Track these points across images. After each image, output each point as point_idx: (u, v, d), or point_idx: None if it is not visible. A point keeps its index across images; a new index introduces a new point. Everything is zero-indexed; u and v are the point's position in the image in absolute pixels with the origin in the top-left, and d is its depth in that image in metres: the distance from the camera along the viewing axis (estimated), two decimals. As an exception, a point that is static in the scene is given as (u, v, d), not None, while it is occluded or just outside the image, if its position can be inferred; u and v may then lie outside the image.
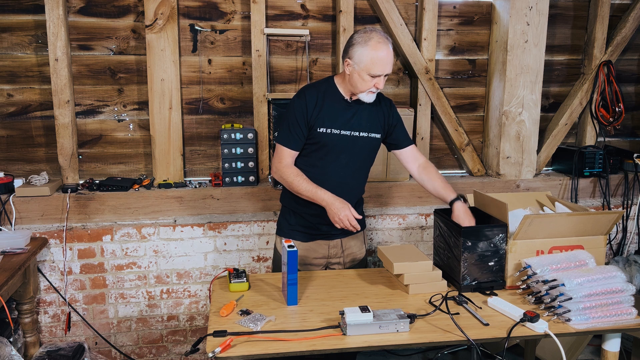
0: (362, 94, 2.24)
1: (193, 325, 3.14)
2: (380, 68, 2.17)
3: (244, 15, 3.15)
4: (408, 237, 3.26)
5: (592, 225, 2.15)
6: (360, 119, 2.33)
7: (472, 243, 2.09)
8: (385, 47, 2.17)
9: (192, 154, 3.25)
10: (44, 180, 2.96)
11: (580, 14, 3.53)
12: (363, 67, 2.18)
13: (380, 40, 2.17)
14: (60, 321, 3.00)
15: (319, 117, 2.27)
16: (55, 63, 2.90)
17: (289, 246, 2.01)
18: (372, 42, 2.16)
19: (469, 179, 3.40)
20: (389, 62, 2.19)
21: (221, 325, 1.85)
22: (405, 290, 2.14)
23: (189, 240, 3.03)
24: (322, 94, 2.31)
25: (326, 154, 2.31)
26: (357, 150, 2.34)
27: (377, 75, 2.18)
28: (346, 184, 2.35)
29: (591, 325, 1.90)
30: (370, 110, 2.36)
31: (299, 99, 2.30)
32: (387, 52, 2.17)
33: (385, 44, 2.18)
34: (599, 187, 3.48)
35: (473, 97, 3.51)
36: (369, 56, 2.16)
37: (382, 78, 2.21)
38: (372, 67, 2.16)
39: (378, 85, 2.21)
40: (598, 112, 3.52)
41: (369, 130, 2.35)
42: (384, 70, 2.19)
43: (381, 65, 2.17)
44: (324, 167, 2.32)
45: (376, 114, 2.38)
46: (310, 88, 2.34)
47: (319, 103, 2.28)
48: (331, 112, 2.29)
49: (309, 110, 2.27)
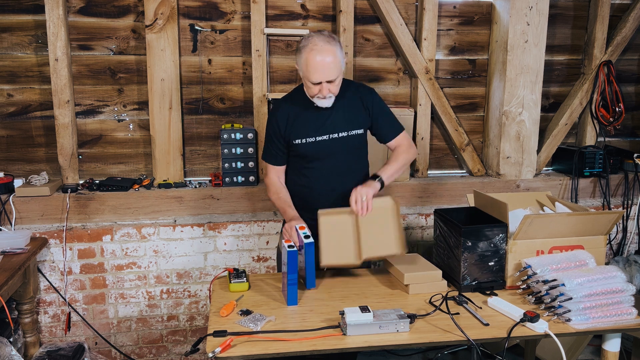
0: (314, 99, 2.18)
1: (193, 325, 3.14)
2: (316, 75, 2.07)
3: (244, 15, 3.15)
4: (408, 237, 3.26)
5: (592, 225, 2.15)
6: (336, 120, 2.25)
7: (472, 243, 2.09)
8: (320, 53, 2.04)
9: (192, 154, 3.25)
10: (44, 180, 2.96)
11: (580, 14, 3.53)
12: (302, 73, 2.13)
13: (315, 47, 2.05)
14: (60, 321, 3.00)
15: (293, 129, 2.24)
16: (55, 63, 2.90)
17: (289, 246, 2.01)
18: (307, 49, 2.07)
19: (469, 179, 3.40)
20: (326, 68, 2.06)
21: (221, 325, 1.85)
22: (405, 290, 2.14)
23: (189, 240, 3.03)
24: (293, 105, 2.26)
25: (309, 162, 2.30)
26: (340, 152, 2.28)
27: (316, 83, 2.09)
28: (337, 189, 2.30)
29: (591, 325, 1.90)
30: (346, 107, 2.26)
31: (272, 116, 2.30)
32: (321, 58, 2.04)
33: (322, 50, 2.04)
34: (599, 187, 3.48)
35: (473, 97, 3.51)
36: (304, 63, 2.08)
37: (324, 85, 2.10)
38: (308, 74, 2.08)
39: (323, 92, 2.11)
40: (598, 112, 3.52)
41: (349, 129, 2.27)
42: (322, 76, 2.07)
43: (316, 71, 2.06)
44: (311, 176, 2.31)
45: (354, 109, 2.28)
46: (282, 102, 2.32)
47: (290, 116, 2.25)
48: (303, 121, 2.24)
49: (280, 126, 2.25)
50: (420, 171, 3.41)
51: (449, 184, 3.32)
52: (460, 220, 2.25)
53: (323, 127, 2.24)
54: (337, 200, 2.26)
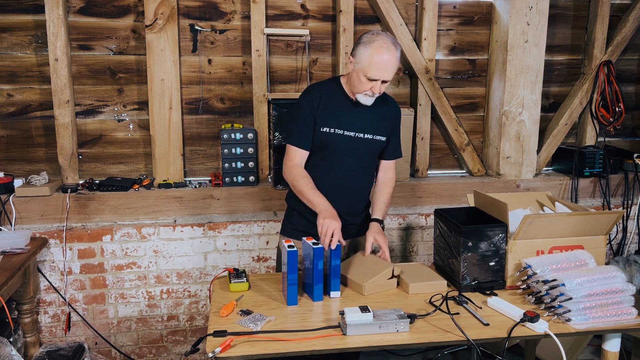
0: (359, 94, 2.20)
1: (193, 325, 3.14)
2: (377, 72, 2.11)
3: (244, 15, 3.15)
4: (408, 237, 3.26)
5: (592, 225, 2.15)
6: (365, 121, 2.28)
7: (473, 243, 2.09)
8: (387, 52, 2.09)
9: (192, 154, 3.25)
10: (44, 180, 2.96)
11: (580, 14, 3.53)
12: (361, 67, 2.14)
13: (384, 45, 2.10)
14: (60, 321, 3.00)
15: (323, 115, 2.24)
16: (55, 63, 2.90)
17: (289, 246, 2.01)
18: (375, 45, 2.11)
19: (469, 179, 3.40)
20: (388, 68, 2.11)
21: (221, 325, 1.85)
22: (405, 290, 2.14)
23: (189, 240, 3.03)
24: (327, 93, 2.27)
25: (329, 154, 2.28)
26: (361, 152, 2.30)
27: (373, 79, 2.13)
28: (350, 186, 2.32)
29: (591, 325, 1.90)
30: (377, 112, 2.30)
31: (304, 97, 2.28)
32: (388, 58, 2.10)
33: (389, 49, 2.10)
34: (599, 187, 3.48)
35: (473, 97, 3.51)
36: (368, 57, 2.11)
37: (378, 83, 2.14)
38: (369, 70, 2.11)
39: (374, 90, 2.15)
40: (598, 112, 3.52)
41: (375, 133, 2.30)
42: (382, 75, 2.12)
43: (378, 69, 2.10)
44: (328, 168, 2.30)
45: (383, 117, 2.32)
46: (315, 86, 2.32)
47: (323, 100, 2.25)
48: (335, 111, 2.26)
49: (314, 105, 2.24)
50: (420, 171, 3.41)
51: (449, 184, 3.32)
52: (460, 220, 2.25)
53: (353, 124, 2.27)
54: (345, 196, 2.29)
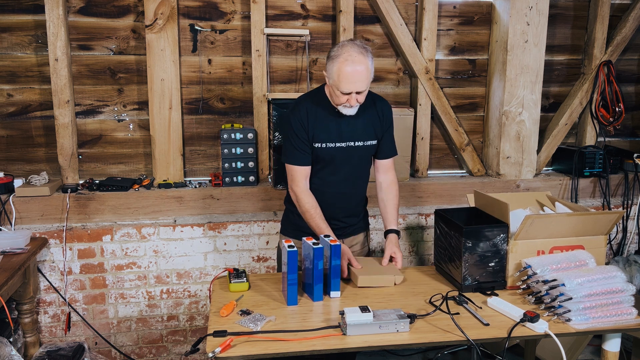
0: (339, 106, 2.18)
1: (193, 325, 3.14)
2: (347, 85, 2.07)
3: (244, 15, 3.15)
4: (408, 237, 3.26)
5: (593, 225, 2.15)
6: (355, 128, 2.27)
7: (473, 243, 2.08)
8: (353, 64, 2.04)
9: (192, 154, 3.25)
10: (43, 180, 2.96)
11: (580, 14, 3.53)
12: (333, 82, 2.11)
13: (349, 58, 2.05)
14: (60, 321, 3.00)
15: (315, 131, 2.23)
16: (55, 63, 2.90)
17: (289, 246, 2.01)
18: (340, 59, 2.06)
19: (469, 179, 3.40)
20: (357, 79, 2.06)
21: (221, 325, 1.85)
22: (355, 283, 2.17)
23: (189, 240, 3.03)
24: (314, 107, 2.25)
25: (325, 166, 2.29)
26: (355, 160, 2.31)
27: (346, 93, 2.10)
28: (349, 193, 2.36)
29: (591, 325, 1.90)
30: (365, 117, 2.28)
31: (293, 114, 2.25)
32: (354, 69, 2.04)
33: (355, 61, 2.04)
34: (599, 187, 3.48)
35: (473, 97, 3.51)
36: (336, 73, 2.07)
37: (353, 95, 2.11)
38: (340, 84, 2.08)
39: (351, 102, 2.12)
40: (598, 112, 3.52)
41: (365, 139, 2.29)
42: (352, 87, 2.08)
43: (347, 82, 2.06)
44: (324, 178, 2.31)
45: (371, 119, 2.31)
46: (303, 101, 2.29)
47: (311, 115, 2.23)
48: (325, 125, 2.24)
49: (303, 122, 2.23)
50: (420, 171, 3.41)
51: (449, 184, 3.32)
52: (460, 220, 2.25)
53: (343, 134, 2.25)
54: (345, 202, 2.33)
